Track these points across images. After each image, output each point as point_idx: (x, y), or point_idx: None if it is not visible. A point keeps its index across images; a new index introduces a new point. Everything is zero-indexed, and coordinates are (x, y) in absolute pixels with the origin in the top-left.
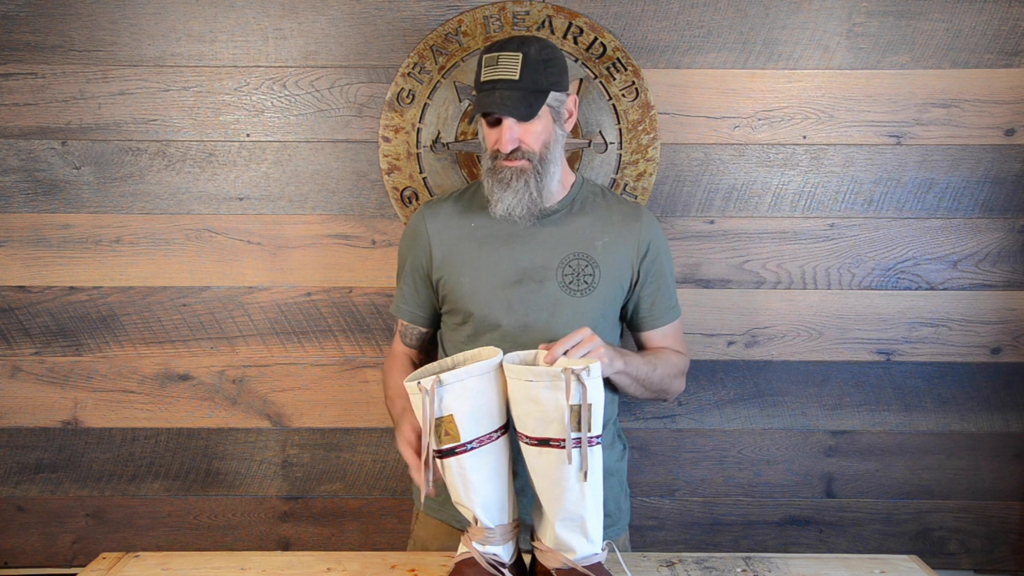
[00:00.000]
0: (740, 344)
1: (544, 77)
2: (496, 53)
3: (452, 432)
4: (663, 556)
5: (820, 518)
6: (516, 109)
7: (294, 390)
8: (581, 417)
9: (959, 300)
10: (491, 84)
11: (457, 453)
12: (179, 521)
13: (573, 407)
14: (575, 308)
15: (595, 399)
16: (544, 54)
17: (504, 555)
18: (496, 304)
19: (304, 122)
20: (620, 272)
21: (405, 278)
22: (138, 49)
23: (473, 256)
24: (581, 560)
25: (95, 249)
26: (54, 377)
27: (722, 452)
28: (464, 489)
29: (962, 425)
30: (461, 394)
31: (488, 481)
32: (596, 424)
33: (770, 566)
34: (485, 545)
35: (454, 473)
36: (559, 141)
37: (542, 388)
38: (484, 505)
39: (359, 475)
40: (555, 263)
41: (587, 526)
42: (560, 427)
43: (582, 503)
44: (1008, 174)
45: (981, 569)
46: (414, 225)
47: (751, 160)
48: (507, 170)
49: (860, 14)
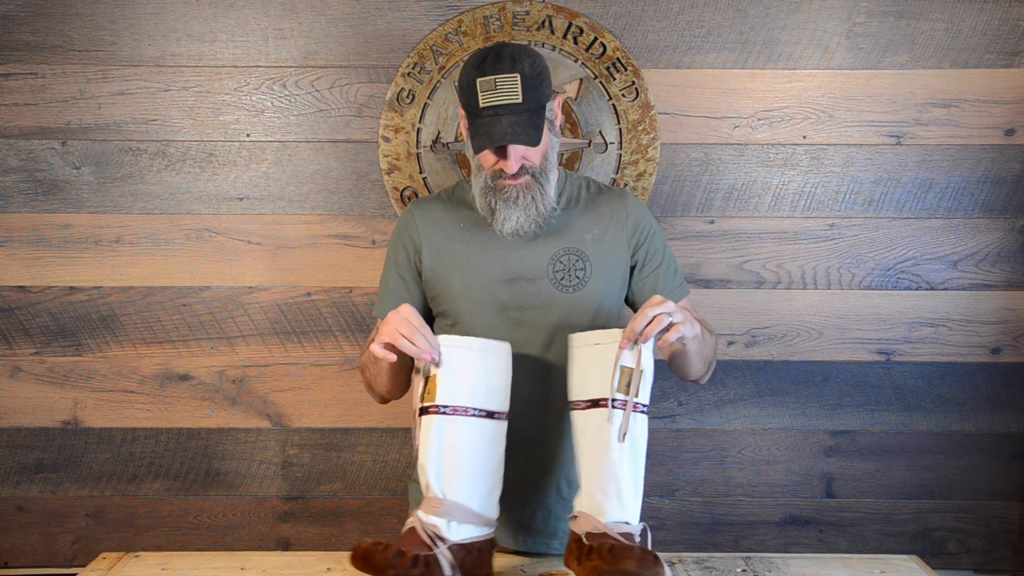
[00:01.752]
0: (740, 344)
1: (541, 93)
2: (491, 76)
3: (431, 391)
4: (663, 556)
5: (820, 518)
6: (527, 135)
7: (294, 390)
8: (632, 381)
9: (959, 300)
10: (493, 110)
11: (429, 412)
12: (179, 521)
13: (624, 369)
14: (568, 304)
15: (647, 367)
16: (536, 67)
17: (447, 532)
18: (488, 305)
19: (304, 122)
20: (615, 263)
21: (394, 278)
22: (138, 49)
23: (463, 257)
24: (613, 525)
25: (95, 249)
26: (54, 377)
27: (722, 452)
28: (424, 450)
29: (962, 425)
30: (448, 359)
31: (449, 451)
32: (644, 393)
33: (770, 566)
34: (430, 516)
35: (423, 432)
36: (554, 148)
37: (604, 349)
38: (438, 474)
39: (359, 475)
40: (545, 260)
41: (623, 490)
42: (610, 388)
43: (621, 466)
44: (1008, 174)
45: (981, 569)
46: (403, 224)
47: (751, 160)
48: (512, 188)
49: (860, 14)
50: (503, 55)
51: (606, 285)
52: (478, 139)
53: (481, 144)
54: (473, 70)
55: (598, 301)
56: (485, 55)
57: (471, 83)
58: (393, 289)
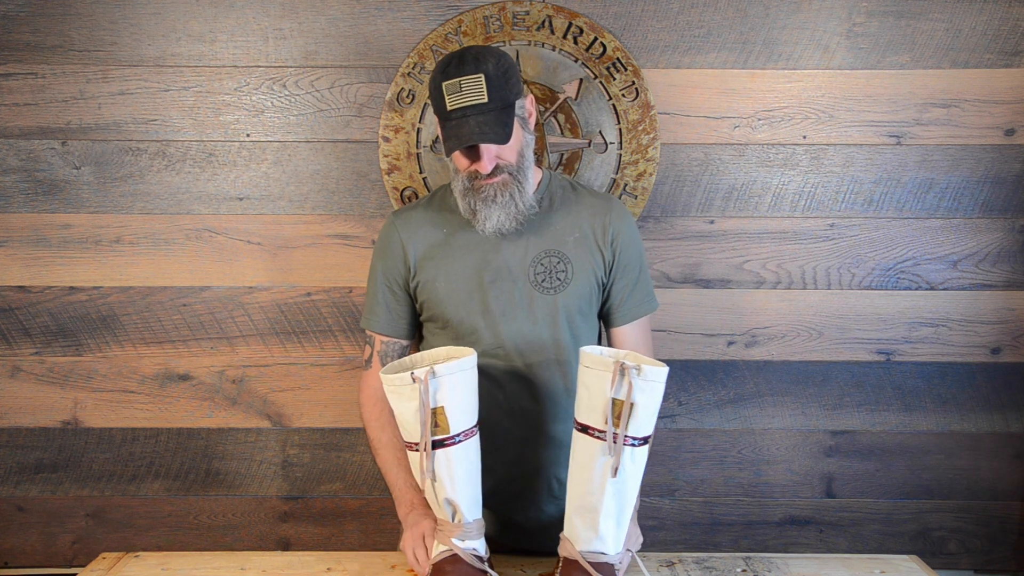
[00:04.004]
0: (740, 344)
1: (508, 91)
2: (456, 79)
3: (442, 424)
4: (663, 556)
5: (820, 518)
6: (495, 134)
7: (294, 390)
8: (622, 413)
9: (959, 300)
10: (461, 112)
11: (446, 445)
12: (179, 521)
13: (616, 401)
14: (549, 305)
15: (639, 400)
16: (501, 66)
17: (482, 550)
18: (472, 306)
19: (304, 122)
20: (593, 267)
21: (381, 291)
22: (138, 49)
23: (447, 261)
24: (588, 554)
25: (95, 249)
26: (54, 377)
27: (722, 452)
28: (451, 483)
29: (962, 425)
30: (451, 386)
31: (467, 475)
32: (636, 425)
33: (770, 566)
34: (464, 540)
35: (442, 466)
36: (530, 145)
37: (592, 375)
38: (466, 499)
39: (359, 475)
40: (527, 262)
41: (600, 521)
42: (599, 417)
43: (600, 496)
44: (1008, 174)
45: (981, 569)
46: (386, 235)
47: (751, 160)
48: (489, 187)
49: (860, 14)
50: (466, 57)
51: (586, 289)
52: (449, 141)
53: (451, 146)
54: (439, 75)
55: (578, 303)
56: (450, 59)
57: (438, 87)
58: (381, 301)
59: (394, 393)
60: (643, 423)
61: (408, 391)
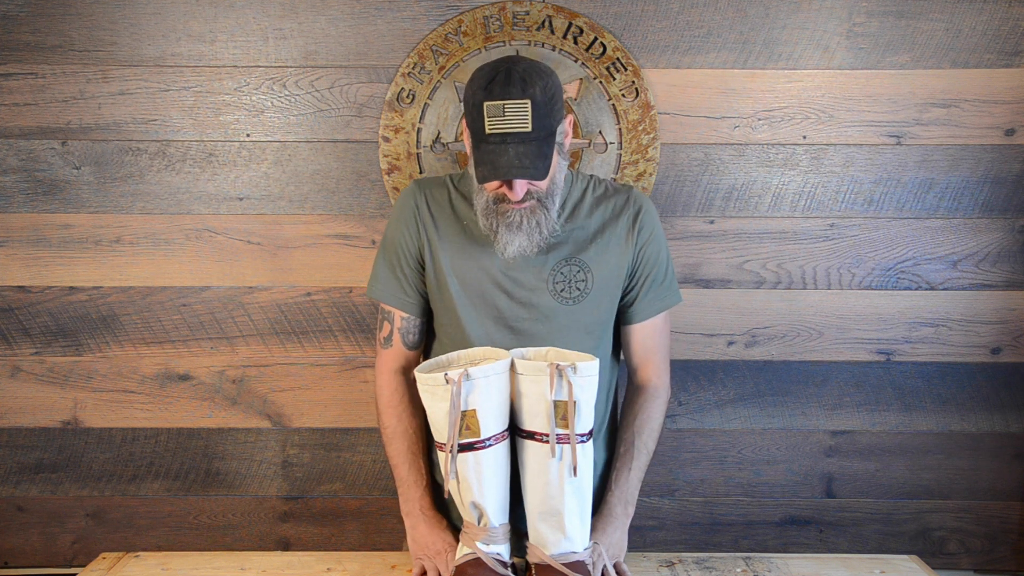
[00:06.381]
0: (740, 344)
1: (552, 119)
2: (500, 101)
3: (473, 427)
4: (663, 556)
5: (820, 518)
6: (535, 168)
7: (294, 390)
8: (568, 414)
9: (959, 300)
10: (501, 138)
11: (476, 448)
12: (179, 521)
13: (558, 403)
14: (568, 317)
15: (581, 397)
16: (548, 90)
17: (506, 554)
18: (485, 313)
19: (304, 122)
20: (616, 271)
21: (402, 262)
22: (138, 49)
23: (462, 259)
24: (559, 556)
25: (95, 249)
26: (54, 377)
27: (722, 452)
28: (479, 486)
29: (962, 425)
30: (485, 390)
31: (495, 479)
32: (581, 422)
33: (770, 566)
34: (489, 545)
35: (470, 469)
36: (562, 170)
37: (529, 381)
38: (493, 503)
39: (359, 475)
40: (546, 271)
41: (565, 522)
42: (544, 421)
43: (561, 498)
44: (1008, 174)
45: (981, 569)
46: (408, 205)
47: (751, 160)
48: (516, 212)
49: (860, 14)
50: (513, 77)
51: (606, 295)
52: (482, 168)
53: (485, 175)
54: (481, 91)
55: (597, 312)
56: (494, 75)
57: (478, 105)
58: (399, 275)
59: (427, 392)
60: (586, 418)
61: (441, 391)
